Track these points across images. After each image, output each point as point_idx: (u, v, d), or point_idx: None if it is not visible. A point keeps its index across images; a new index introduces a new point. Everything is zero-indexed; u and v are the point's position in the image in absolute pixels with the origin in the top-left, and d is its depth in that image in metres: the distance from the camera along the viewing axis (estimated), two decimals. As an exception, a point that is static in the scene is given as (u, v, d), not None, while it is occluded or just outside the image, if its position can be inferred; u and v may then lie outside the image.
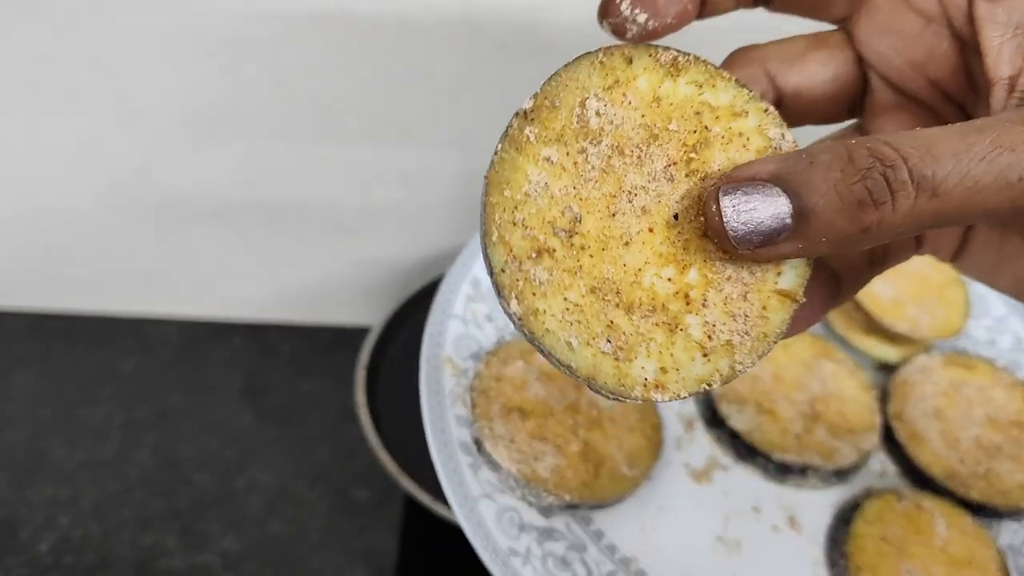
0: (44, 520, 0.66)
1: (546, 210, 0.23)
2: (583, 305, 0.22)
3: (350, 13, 0.67)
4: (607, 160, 0.24)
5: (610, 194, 0.23)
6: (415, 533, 0.66)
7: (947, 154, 0.22)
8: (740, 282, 0.23)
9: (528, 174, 0.24)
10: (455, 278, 0.50)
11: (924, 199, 0.22)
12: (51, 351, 0.81)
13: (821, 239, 0.22)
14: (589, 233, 0.23)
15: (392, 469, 0.60)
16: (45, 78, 0.70)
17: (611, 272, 0.23)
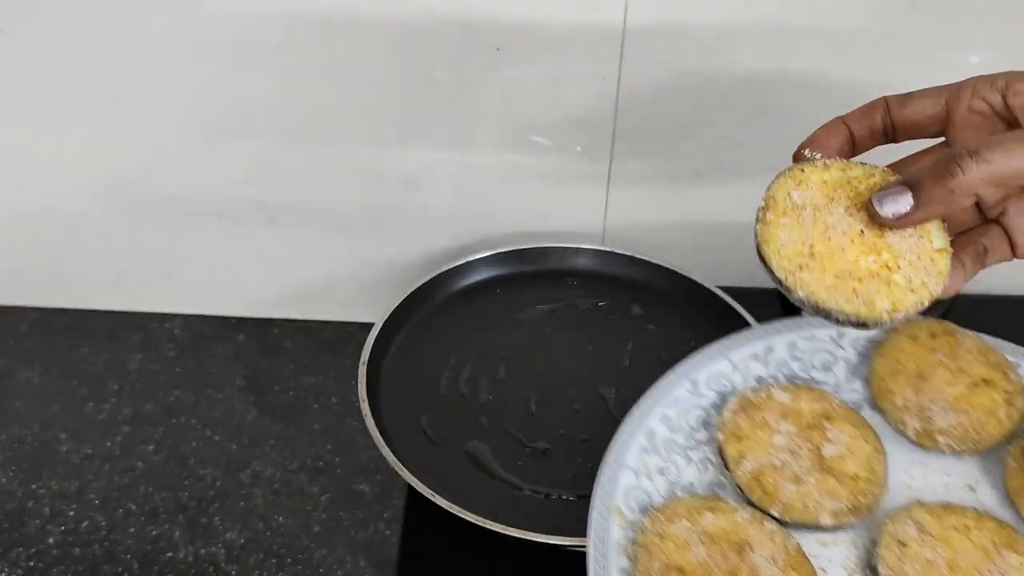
0: (51, 513, 0.67)
1: (793, 246, 0.41)
2: (835, 285, 0.40)
3: (351, 16, 0.68)
4: (813, 215, 0.41)
5: (822, 230, 0.41)
6: (416, 526, 0.67)
7: (992, 137, 0.36)
8: (912, 252, 0.40)
9: (777, 234, 0.41)
10: (630, 428, 0.50)
11: (978, 164, 0.35)
12: (58, 347, 0.82)
13: (930, 204, 0.37)
14: (820, 251, 0.40)
15: (393, 463, 0.61)
16: (50, 79, 0.71)
17: (842, 264, 0.40)
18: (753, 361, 0.53)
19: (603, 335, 0.76)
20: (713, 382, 0.52)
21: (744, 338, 0.53)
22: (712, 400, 0.52)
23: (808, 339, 0.54)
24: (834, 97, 0.72)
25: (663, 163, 0.77)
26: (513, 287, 0.80)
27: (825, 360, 0.53)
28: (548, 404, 0.70)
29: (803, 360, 0.53)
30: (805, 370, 0.53)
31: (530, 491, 0.64)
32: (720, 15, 0.68)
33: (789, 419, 0.50)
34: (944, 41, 0.70)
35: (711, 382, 0.52)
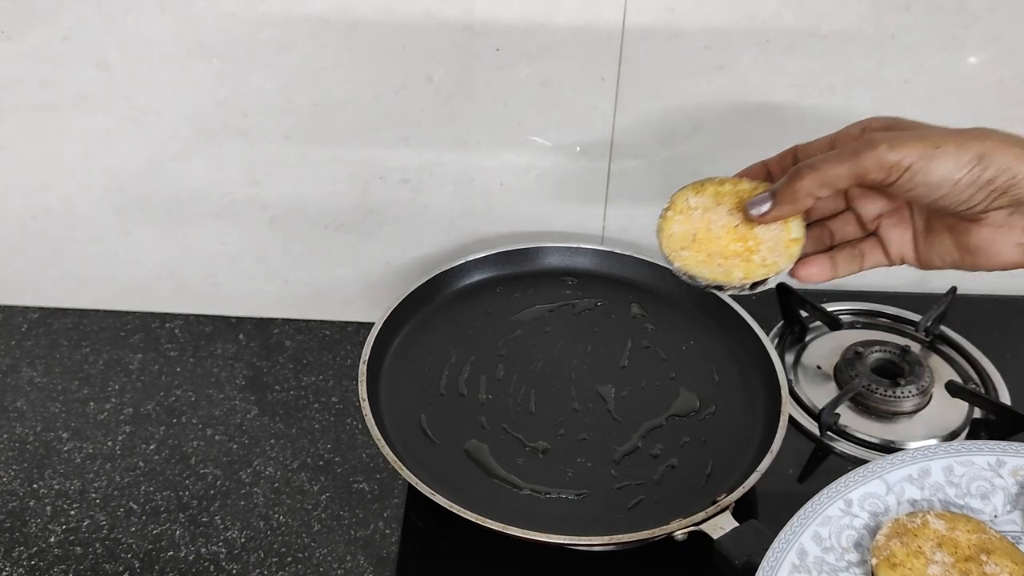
0: (53, 512, 0.67)
1: (682, 234, 0.51)
2: (706, 261, 0.50)
3: (351, 16, 0.68)
4: (702, 213, 0.51)
5: (706, 224, 0.51)
6: (416, 525, 0.67)
7: (826, 153, 0.46)
8: (772, 240, 0.49)
9: (672, 226, 0.52)
10: (782, 545, 0.50)
11: (812, 172, 0.44)
12: (59, 347, 0.82)
13: (781, 204, 0.46)
14: (701, 238, 0.50)
15: (393, 462, 0.61)
16: (54, 80, 0.71)
17: (715, 247, 0.50)
18: (908, 483, 0.52)
19: (602, 335, 0.76)
20: (867, 502, 0.51)
21: (900, 460, 0.52)
22: (865, 521, 0.51)
23: (965, 465, 0.52)
24: (833, 98, 0.73)
25: (662, 163, 0.77)
26: (512, 287, 0.80)
27: (983, 488, 0.52)
28: (548, 404, 0.70)
29: (959, 486, 0.52)
30: (961, 496, 0.52)
31: (529, 490, 0.64)
32: (719, 16, 0.69)
33: (945, 548, 0.49)
34: (941, 43, 0.70)
35: (864, 502, 0.51)
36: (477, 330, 0.77)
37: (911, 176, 0.42)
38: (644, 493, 0.63)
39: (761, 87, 0.72)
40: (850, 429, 0.72)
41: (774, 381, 0.68)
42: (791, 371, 0.77)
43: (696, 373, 0.73)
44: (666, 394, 0.71)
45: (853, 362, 0.75)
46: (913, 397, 0.73)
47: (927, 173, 0.41)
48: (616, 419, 0.69)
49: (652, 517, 0.60)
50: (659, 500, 0.63)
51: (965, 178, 0.42)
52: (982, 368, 0.77)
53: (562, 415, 0.70)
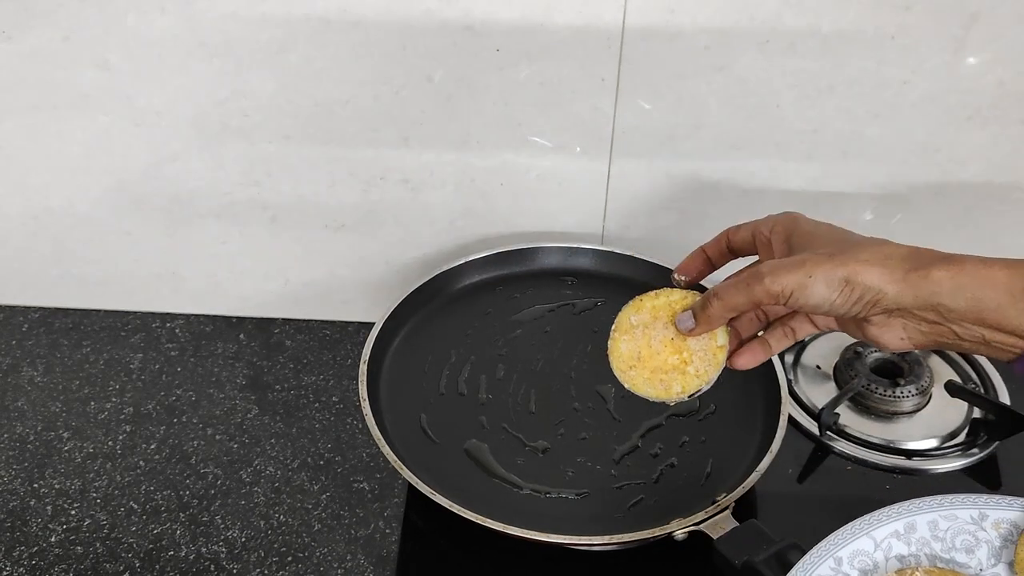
0: (53, 512, 0.68)
1: (628, 353, 0.56)
2: (649, 377, 0.55)
3: (352, 17, 0.68)
4: (643, 331, 0.56)
5: (647, 341, 0.55)
6: (416, 524, 0.67)
7: (727, 280, 0.52)
8: (702, 350, 0.54)
9: (619, 346, 0.56)
10: None
11: (717, 300, 0.51)
12: (60, 346, 0.82)
13: (701, 323, 0.53)
14: (644, 355, 0.55)
15: (393, 461, 0.61)
16: (55, 80, 0.71)
17: (656, 363, 0.55)
18: (895, 539, 0.53)
19: (602, 335, 0.76)
20: (856, 560, 0.52)
21: (886, 515, 0.53)
22: None
23: (950, 519, 0.53)
24: (832, 99, 0.73)
25: (662, 163, 0.77)
26: (513, 287, 0.80)
27: (967, 542, 0.53)
28: (548, 404, 0.70)
29: (945, 540, 0.53)
30: (947, 551, 0.53)
31: (530, 490, 0.64)
32: (719, 16, 0.69)
33: None
34: (941, 43, 0.70)
35: (854, 560, 0.52)
36: (477, 330, 0.77)
37: (796, 299, 0.48)
38: (644, 493, 0.64)
39: (761, 87, 0.72)
40: (850, 429, 0.72)
41: (773, 381, 0.69)
42: (791, 371, 0.78)
43: (696, 373, 0.73)
44: (666, 394, 0.71)
45: (852, 362, 0.75)
46: (913, 397, 0.73)
47: (807, 297, 0.48)
48: (616, 419, 0.69)
49: (652, 517, 0.60)
50: (659, 500, 0.63)
51: (838, 299, 0.48)
52: (981, 368, 0.77)
53: (562, 415, 0.70)
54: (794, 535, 0.55)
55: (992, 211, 0.79)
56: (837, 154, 0.76)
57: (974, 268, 0.47)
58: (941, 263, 0.47)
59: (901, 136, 0.75)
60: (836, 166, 0.77)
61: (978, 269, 0.47)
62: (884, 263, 0.47)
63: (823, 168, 0.77)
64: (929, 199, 0.79)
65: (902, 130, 0.75)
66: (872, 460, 0.70)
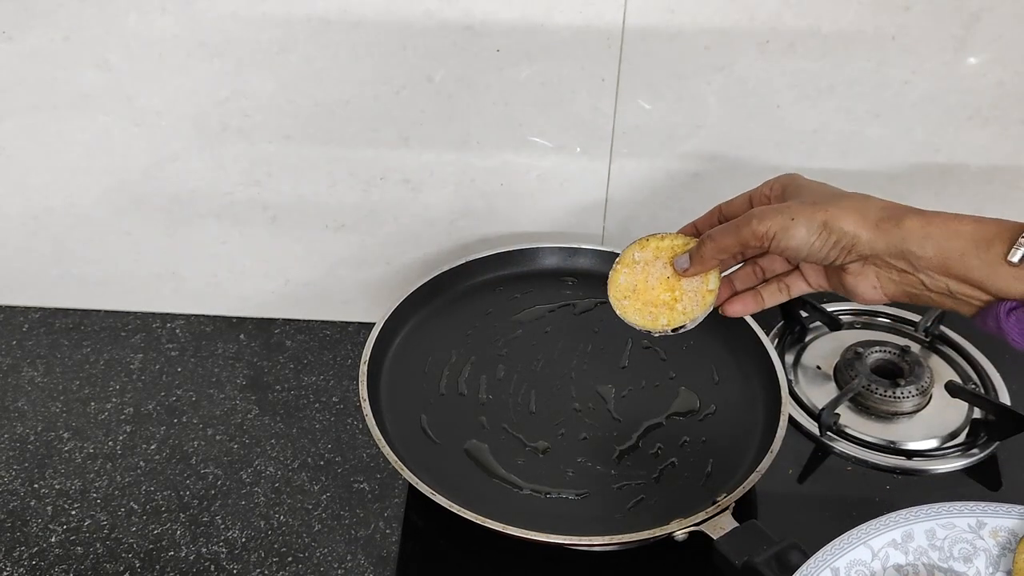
0: (53, 512, 0.68)
1: (625, 284, 0.60)
2: (640, 308, 0.59)
3: (353, 17, 0.68)
4: (643, 267, 0.60)
5: (644, 277, 0.60)
6: (416, 524, 0.67)
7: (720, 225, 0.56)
8: (693, 291, 0.58)
9: (619, 277, 0.60)
10: None
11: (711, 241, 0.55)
12: (60, 347, 0.82)
13: (696, 264, 0.56)
14: (639, 289, 0.60)
15: (394, 461, 0.61)
16: (55, 80, 0.71)
17: (649, 297, 0.59)
18: (892, 548, 0.53)
19: (602, 335, 0.77)
20: (854, 570, 0.52)
21: (883, 524, 0.53)
22: None
23: (947, 527, 0.53)
24: (832, 99, 0.73)
25: (662, 163, 0.77)
26: (513, 287, 0.80)
27: (965, 551, 0.53)
28: (548, 404, 0.71)
29: (942, 549, 0.53)
30: (944, 560, 0.53)
31: (530, 490, 0.64)
32: (719, 16, 0.69)
33: None
34: (941, 43, 0.70)
35: (851, 570, 0.52)
36: (478, 330, 0.77)
37: (778, 242, 0.52)
38: (644, 493, 0.64)
39: (761, 87, 0.72)
40: (850, 429, 0.72)
41: (774, 381, 0.69)
42: (791, 371, 0.77)
43: (696, 373, 0.73)
44: (666, 394, 0.71)
45: (853, 362, 0.75)
46: (913, 397, 0.73)
47: (788, 239, 0.51)
48: (616, 419, 0.69)
49: (652, 517, 0.60)
50: (659, 500, 0.63)
51: (816, 241, 0.51)
52: (982, 368, 0.77)
53: (562, 415, 0.70)
54: (794, 535, 0.55)
55: (993, 211, 0.78)
56: (837, 154, 0.76)
57: (943, 220, 0.50)
58: (913, 214, 0.51)
59: (901, 136, 0.75)
60: (836, 166, 0.77)
61: (947, 221, 0.50)
62: (861, 211, 0.51)
63: (823, 168, 0.77)
64: (929, 199, 0.79)
65: (902, 130, 0.75)
66: (872, 460, 0.70)
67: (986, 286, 0.49)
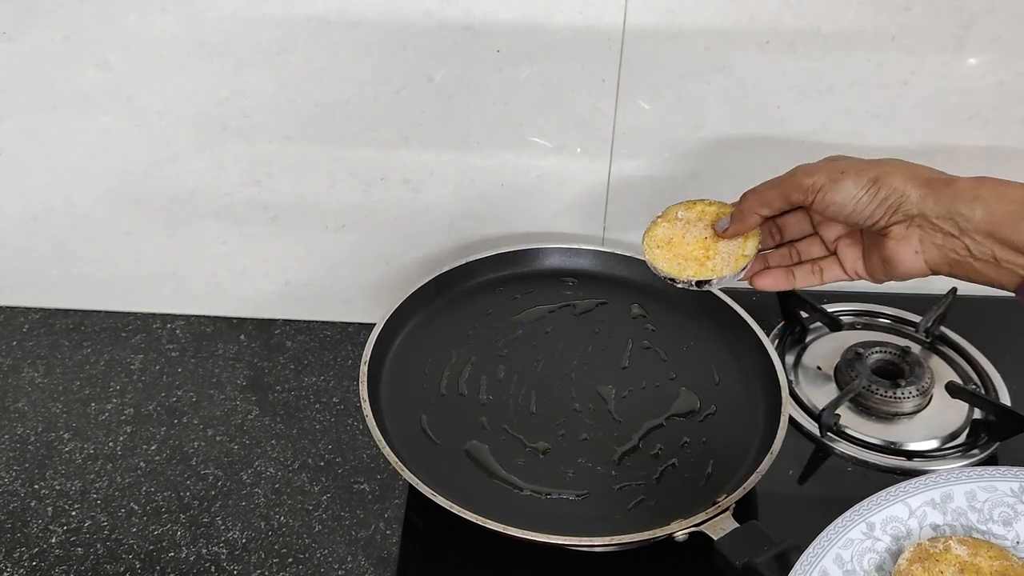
0: (54, 513, 0.68)
1: (662, 236, 0.62)
2: (670, 259, 0.60)
3: (353, 17, 0.68)
4: (684, 224, 0.62)
5: (683, 233, 0.61)
6: (417, 525, 0.67)
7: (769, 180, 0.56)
8: (727, 253, 0.59)
9: (657, 228, 0.62)
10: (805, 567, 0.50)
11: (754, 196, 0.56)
12: (60, 347, 0.82)
13: (735, 223, 0.57)
14: (674, 241, 0.61)
15: (394, 462, 0.61)
16: (55, 80, 0.71)
17: (682, 251, 0.61)
18: (930, 508, 0.52)
19: (603, 336, 0.76)
20: (889, 526, 0.52)
21: (923, 483, 0.53)
22: (887, 545, 0.52)
23: (988, 490, 0.53)
24: (832, 99, 0.73)
25: (662, 164, 0.77)
26: (513, 288, 0.80)
27: (1005, 515, 0.52)
28: (548, 404, 0.70)
29: (982, 512, 0.52)
30: (983, 522, 0.52)
31: (530, 491, 0.64)
32: (719, 17, 0.69)
33: (967, 574, 0.50)
34: (941, 43, 0.70)
35: (887, 526, 0.52)
36: (478, 331, 0.77)
37: (823, 195, 0.52)
38: (644, 493, 0.64)
39: (761, 87, 0.72)
40: (850, 430, 0.72)
41: (774, 381, 0.69)
42: (791, 372, 0.77)
43: (696, 373, 0.73)
44: (666, 394, 0.71)
45: (853, 363, 0.75)
46: (913, 398, 0.73)
47: (835, 192, 0.51)
48: (616, 419, 0.69)
49: (652, 517, 0.60)
50: (659, 500, 0.63)
51: (864, 197, 0.51)
52: (982, 369, 0.77)
53: (563, 416, 0.70)
54: (795, 536, 0.54)
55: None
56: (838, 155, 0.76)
57: (994, 183, 0.50)
58: (964, 178, 0.50)
59: (901, 137, 0.75)
60: (837, 166, 0.77)
61: (998, 185, 0.49)
62: (912, 169, 0.51)
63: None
64: (930, 199, 0.79)
65: (902, 130, 0.75)
66: (873, 461, 0.70)
67: None
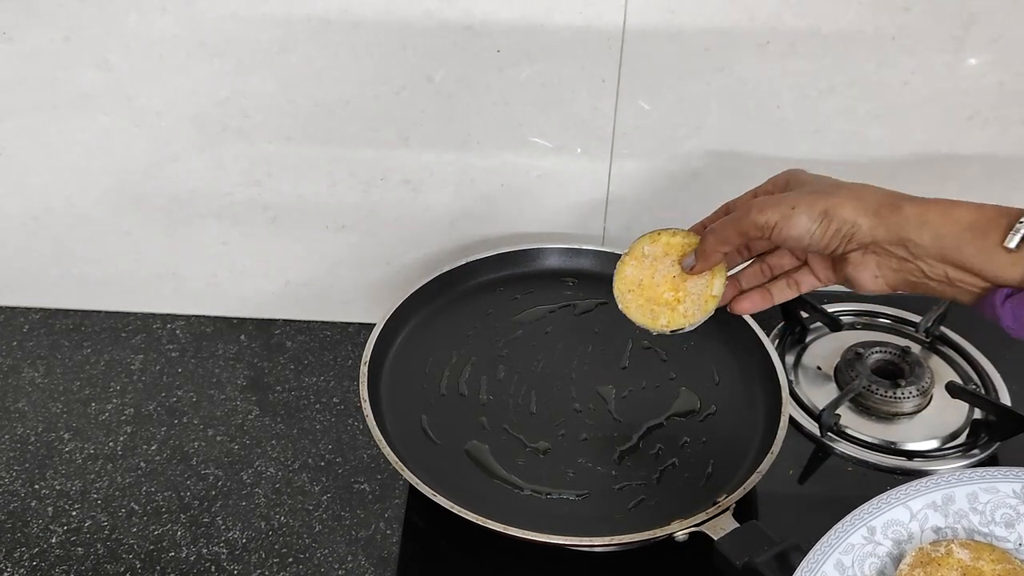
0: (54, 513, 0.68)
1: (632, 278, 0.61)
2: (642, 304, 0.61)
3: (353, 18, 0.68)
4: (651, 262, 0.61)
5: (651, 272, 0.61)
6: (417, 525, 0.67)
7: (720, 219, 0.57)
8: (696, 294, 0.59)
9: (626, 268, 0.61)
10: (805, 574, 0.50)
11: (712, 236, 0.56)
12: (61, 347, 0.82)
13: (701, 261, 0.57)
14: (644, 284, 0.61)
15: (394, 462, 0.61)
16: (55, 80, 0.71)
17: (652, 294, 0.61)
18: (931, 511, 0.52)
19: (603, 336, 0.76)
20: (890, 530, 0.51)
21: (924, 486, 0.52)
22: (888, 549, 0.51)
23: (990, 492, 0.52)
24: (832, 99, 0.73)
25: (663, 164, 0.77)
26: (514, 288, 0.80)
27: (1007, 516, 0.52)
28: (548, 405, 0.71)
29: (984, 514, 0.52)
30: (985, 524, 0.52)
31: (530, 491, 0.64)
32: (719, 17, 0.69)
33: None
34: (941, 43, 0.70)
35: (888, 530, 0.51)
36: (478, 331, 0.77)
37: (780, 231, 0.52)
38: (644, 493, 0.64)
39: (761, 87, 0.72)
40: (850, 430, 0.72)
41: (774, 381, 0.69)
42: (791, 372, 0.78)
43: (696, 373, 0.73)
44: (666, 394, 0.71)
45: (853, 363, 0.75)
46: (913, 398, 0.73)
47: (789, 228, 0.52)
48: (617, 419, 0.69)
49: (652, 517, 0.60)
50: (659, 500, 0.63)
51: (817, 230, 0.52)
52: (982, 369, 0.77)
53: (563, 415, 0.70)
54: (795, 536, 0.55)
55: (993, 211, 0.79)
56: (838, 155, 0.76)
57: (941, 207, 0.50)
58: (912, 201, 0.51)
59: (902, 137, 0.75)
60: (837, 167, 0.77)
61: (945, 208, 0.50)
62: (860, 198, 0.52)
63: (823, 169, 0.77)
64: (930, 200, 0.79)
65: (903, 131, 0.75)
66: (873, 461, 0.70)
67: (983, 272, 0.49)
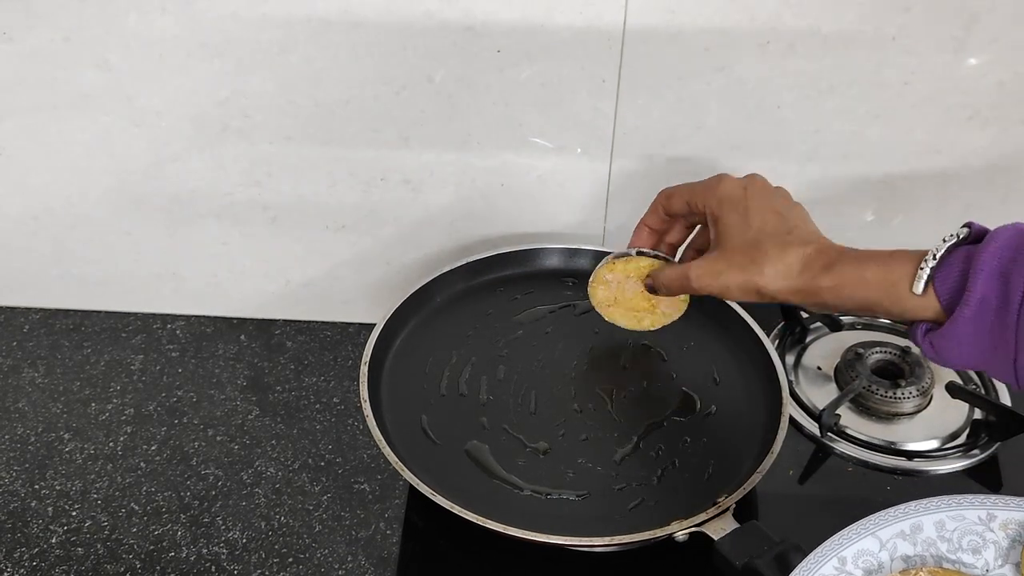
0: (54, 513, 0.68)
1: (604, 297, 0.71)
2: (625, 313, 0.71)
3: (353, 18, 0.68)
4: (617, 284, 0.69)
5: (620, 292, 0.70)
6: (417, 525, 0.67)
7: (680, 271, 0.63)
8: (669, 299, 0.69)
9: (597, 291, 0.70)
10: None
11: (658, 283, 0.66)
12: (61, 347, 0.82)
13: (660, 287, 0.66)
14: (620, 301, 0.70)
15: (394, 462, 0.61)
16: (55, 80, 0.71)
17: (631, 305, 0.70)
18: (900, 540, 0.53)
19: (603, 336, 0.76)
20: (860, 560, 0.52)
21: (892, 516, 0.53)
22: None
23: (957, 519, 0.53)
24: (832, 99, 0.73)
25: (663, 164, 0.77)
26: (514, 288, 0.80)
27: (974, 543, 0.53)
28: (548, 405, 0.70)
29: (951, 541, 0.53)
30: (953, 552, 0.53)
31: (530, 491, 0.64)
32: (719, 17, 0.69)
33: None
34: (941, 43, 0.70)
35: (858, 560, 0.52)
36: (478, 331, 0.77)
37: (720, 296, 0.60)
38: (645, 494, 0.64)
39: (761, 88, 0.72)
40: (850, 430, 0.72)
41: (774, 382, 0.69)
42: (791, 372, 0.78)
43: (696, 373, 0.73)
44: (666, 394, 0.71)
45: (853, 363, 0.75)
46: (913, 398, 0.73)
47: (728, 298, 0.60)
48: (617, 419, 0.69)
49: (652, 518, 0.60)
50: (659, 501, 0.63)
51: (751, 299, 0.59)
52: (982, 369, 0.77)
53: (563, 416, 0.70)
54: (795, 536, 0.55)
55: (993, 212, 0.79)
56: (838, 155, 0.76)
57: (852, 273, 0.54)
58: (825, 274, 0.55)
59: (901, 137, 0.75)
60: (837, 167, 0.77)
61: (855, 274, 0.53)
62: (786, 276, 0.56)
63: (824, 169, 0.77)
64: (930, 200, 0.79)
65: (902, 131, 0.75)
66: (873, 461, 0.70)
67: (902, 317, 0.53)
